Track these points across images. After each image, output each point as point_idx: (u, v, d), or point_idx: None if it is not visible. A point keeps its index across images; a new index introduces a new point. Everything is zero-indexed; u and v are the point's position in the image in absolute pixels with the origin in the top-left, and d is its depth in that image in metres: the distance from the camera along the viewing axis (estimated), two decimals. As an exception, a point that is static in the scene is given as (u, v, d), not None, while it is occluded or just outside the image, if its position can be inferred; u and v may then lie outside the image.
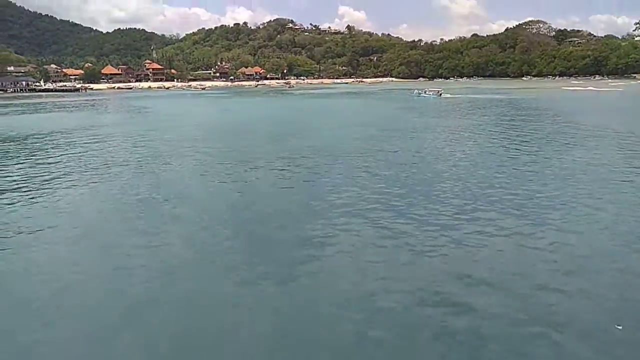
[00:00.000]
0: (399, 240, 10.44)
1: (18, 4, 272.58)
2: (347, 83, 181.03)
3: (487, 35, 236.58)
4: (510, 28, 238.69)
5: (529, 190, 14.37)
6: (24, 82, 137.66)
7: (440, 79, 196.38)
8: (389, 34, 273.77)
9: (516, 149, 22.51)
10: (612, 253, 9.54)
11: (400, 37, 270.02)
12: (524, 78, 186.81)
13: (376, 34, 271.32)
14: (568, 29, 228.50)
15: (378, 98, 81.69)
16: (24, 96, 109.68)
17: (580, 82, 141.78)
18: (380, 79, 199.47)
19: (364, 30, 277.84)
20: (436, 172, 17.40)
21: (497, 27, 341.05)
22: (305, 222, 11.75)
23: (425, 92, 76.04)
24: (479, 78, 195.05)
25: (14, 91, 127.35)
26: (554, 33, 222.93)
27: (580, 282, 8.26)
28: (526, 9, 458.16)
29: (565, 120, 35.80)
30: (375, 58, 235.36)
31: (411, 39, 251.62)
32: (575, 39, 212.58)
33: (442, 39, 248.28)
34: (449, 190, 14.51)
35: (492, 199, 13.48)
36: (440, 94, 73.25)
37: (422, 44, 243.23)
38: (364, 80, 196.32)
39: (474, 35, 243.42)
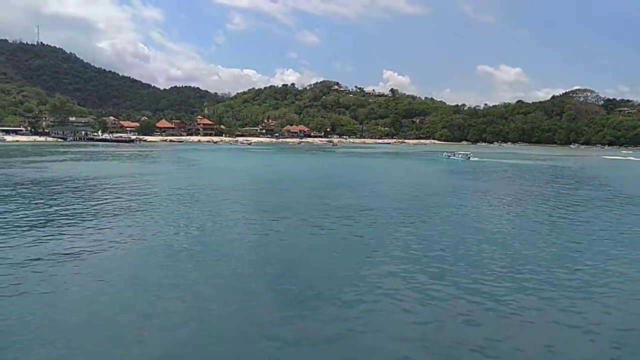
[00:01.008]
0: (437, 306, 10.32)
1: (85, 60, 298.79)
2: (389, 143, 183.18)
3: (532, 102, 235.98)
4: (557, 96, 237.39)
5: (561, 256, 14.01)
6: (83, 132, 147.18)
7: (483, 143, 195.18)
8: (432, 98, 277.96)
9: (524, 212, 22.03)
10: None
11: (443, 100, 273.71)
12: (571, 146, 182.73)
13: (419, 97, 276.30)
14: (617, 99, 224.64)
15: (415, 158, 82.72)
16: (82, 144, 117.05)
17: (630, 152, 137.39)
18: (423, 141, 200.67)
19: (407, 93, 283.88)
20: (466, 234, 17.24)
21: (542, 94, 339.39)
22: (341, 281, 11.82)
23: (454, 155, 78.87)
24: (524, 144, 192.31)
25: (73, 139, 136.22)
26: (602, 102, 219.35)
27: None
28: (573, 77, 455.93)
29: (591, 184, 35.28)
30: (418, 120, 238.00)
31: (454, 103, 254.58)
32: (625, 108, 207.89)
33: (486, 104, 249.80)
34: (474, 250, 14.34)
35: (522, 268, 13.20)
36: (469, 157, 75.24)
37: (465, 108, 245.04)
38: (406, 141, 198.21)
39: (519, 101, 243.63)
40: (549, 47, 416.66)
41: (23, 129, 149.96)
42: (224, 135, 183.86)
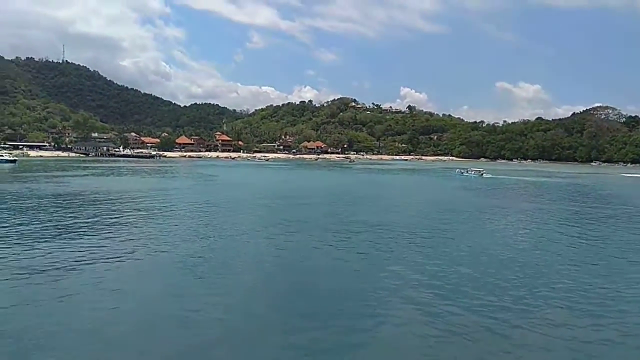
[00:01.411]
0: (452, 325, 10.08)
1: (109, 78, 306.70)
2: (406, 160, 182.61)
3: (552, 119, 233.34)
4: (577, 113, 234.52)
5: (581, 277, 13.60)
6: (105, 148, 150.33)
7: (502, 160, 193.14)
8: (450, 115, 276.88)
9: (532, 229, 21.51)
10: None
11: (461, 117, 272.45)
12: (592, 163, 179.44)
13: (437, 114, 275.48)
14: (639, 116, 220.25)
15: (429, 175, 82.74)
16: (104, 160, 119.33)
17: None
18: (441, 158, 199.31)
19: (425, 110, 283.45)
20: (480, 252, 16.92)
21: (562, 111, 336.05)
22: (357, 297, 11.66)
23: (467, 172, 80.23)
24: (545, 161, 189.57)
25: (95, 155, 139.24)
26: (624, 119, 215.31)
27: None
28: (593, 94, 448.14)
29: (611, 202, 34.38)
30: (435, 137, 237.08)
31: (472, 120, 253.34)
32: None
33: (504, 121, 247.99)
34: (487, 269, 14.03)
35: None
36: (482, 174, 76.39)
37: (483, 124, 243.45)
38: (423, 157, 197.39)
39: (539, 118, 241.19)
40: (568, 64, 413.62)
41: (47, 144, 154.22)
42: (242, 151, 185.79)
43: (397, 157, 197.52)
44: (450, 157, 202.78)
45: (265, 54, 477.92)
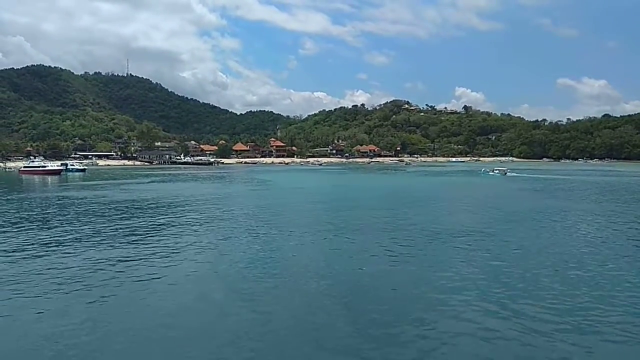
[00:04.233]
0: (517, 334, 9.54)
1: (170, 89, 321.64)
2: (463, 161, 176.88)
3: (620, 116, 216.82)
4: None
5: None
6: (167, 156, 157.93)
7: (567, 160, 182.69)
8: (509, 114, 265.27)
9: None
10: None
11: (521, 116, 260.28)
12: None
13: (495, 113, 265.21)
14: None
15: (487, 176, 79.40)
16: (166, 167, 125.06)
17: None
18: (500, 159, 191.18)
19: (481, 110, 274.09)
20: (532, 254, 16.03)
21: (631, 107, 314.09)
22: (413, 301, 11.41)
23: (492, 171, 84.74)
24: (613, 160, 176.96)
25: (158, 163, 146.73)
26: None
27: None
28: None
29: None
30: (493, 137, 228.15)
31: (533, 119, 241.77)
32: None
33: (568, 119, 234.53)
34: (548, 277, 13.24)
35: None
36: (505, 173, 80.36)
37: (545, 123, 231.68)
38: (481, 159, 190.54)
39: (606, 115, 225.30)
40: (637, 56, 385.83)
41: (114, 153, 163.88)
42: (295, 156, 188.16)
43: (453, 159, 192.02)
44: (511, 158, 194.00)
45: (317, 60, 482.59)
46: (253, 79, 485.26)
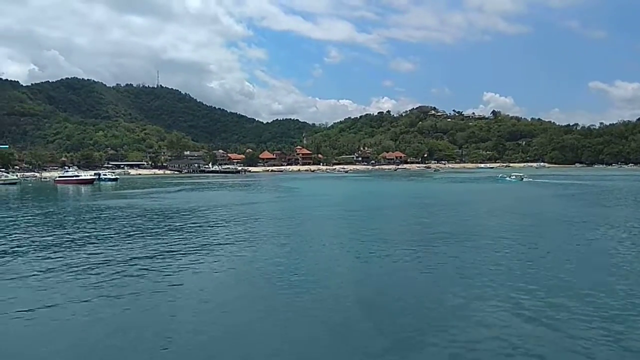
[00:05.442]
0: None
1: (198, 100, 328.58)
2: (492, 168, 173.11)
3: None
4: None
5: None
6: (196, 164, 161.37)
7: (601, 165, 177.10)
8: (539, 118, 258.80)
9: None
10: None
11: (552, 121, 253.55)
12: None
13: (525, 118, 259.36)
14: None
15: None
16: (195, 176, 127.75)
17: None
18: (531, 164, 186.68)
19: (511, 114, 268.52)
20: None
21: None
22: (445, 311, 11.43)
23: (509, 177, 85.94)
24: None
25: (187, 172, 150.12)
26: None
27: None
28: None
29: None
30: (524, 142, 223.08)
31: (565, 123, 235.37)
32: None
33: (601, 123, 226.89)
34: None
35: None
36: (522, 179, 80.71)
37: (577, 127, 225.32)
38: (511, 164, 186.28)
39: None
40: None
41: (145, 163, 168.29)
42: (321, 164, 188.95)
43: (482, 165, 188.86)
44: (543, 163, 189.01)
45: (342, 68, 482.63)
46: (279, 88, 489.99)
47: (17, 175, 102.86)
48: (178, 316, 11.11)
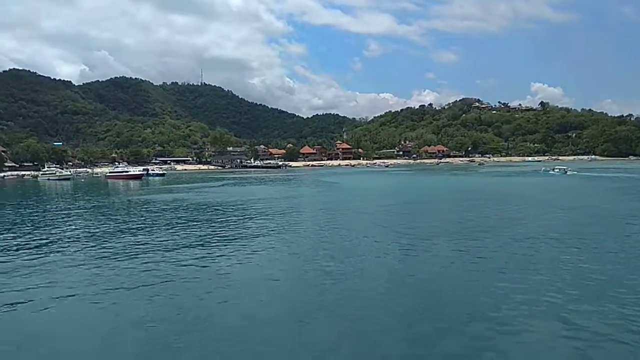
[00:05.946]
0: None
1: (240, 96, 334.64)
2: (539, 161, 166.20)
3: None
4: None
5: None
6: (238, 160, 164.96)
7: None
8: (590, 109, 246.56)
9: None
10: None
11: (604, 112, 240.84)
12: None
13: (575, 109, 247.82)
14: None
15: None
16: (237, 171, 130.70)
17: None
18: (582, 157, 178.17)
19: (560, 106, 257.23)
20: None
21: None
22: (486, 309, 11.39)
23: (552, 170, 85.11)
24: None
25: (230, 167, 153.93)
26: None
27: None
28: None
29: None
30: (574, 135, 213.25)
31: (618, 114, 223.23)
32: None
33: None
34: None
35: None
36: (566, 172, 79.11)
37: (632, 118, 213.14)
38: (560, 157, 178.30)
39: None
40: None
41: (190, 159, 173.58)
42: (361, 158, 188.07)
43: (529, 158, 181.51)
44: (594, 156, 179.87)
45: (382, 61, 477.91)
46: (319, 82, 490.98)
47: (70, 171, 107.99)
48: (223, 310, 11.34)
